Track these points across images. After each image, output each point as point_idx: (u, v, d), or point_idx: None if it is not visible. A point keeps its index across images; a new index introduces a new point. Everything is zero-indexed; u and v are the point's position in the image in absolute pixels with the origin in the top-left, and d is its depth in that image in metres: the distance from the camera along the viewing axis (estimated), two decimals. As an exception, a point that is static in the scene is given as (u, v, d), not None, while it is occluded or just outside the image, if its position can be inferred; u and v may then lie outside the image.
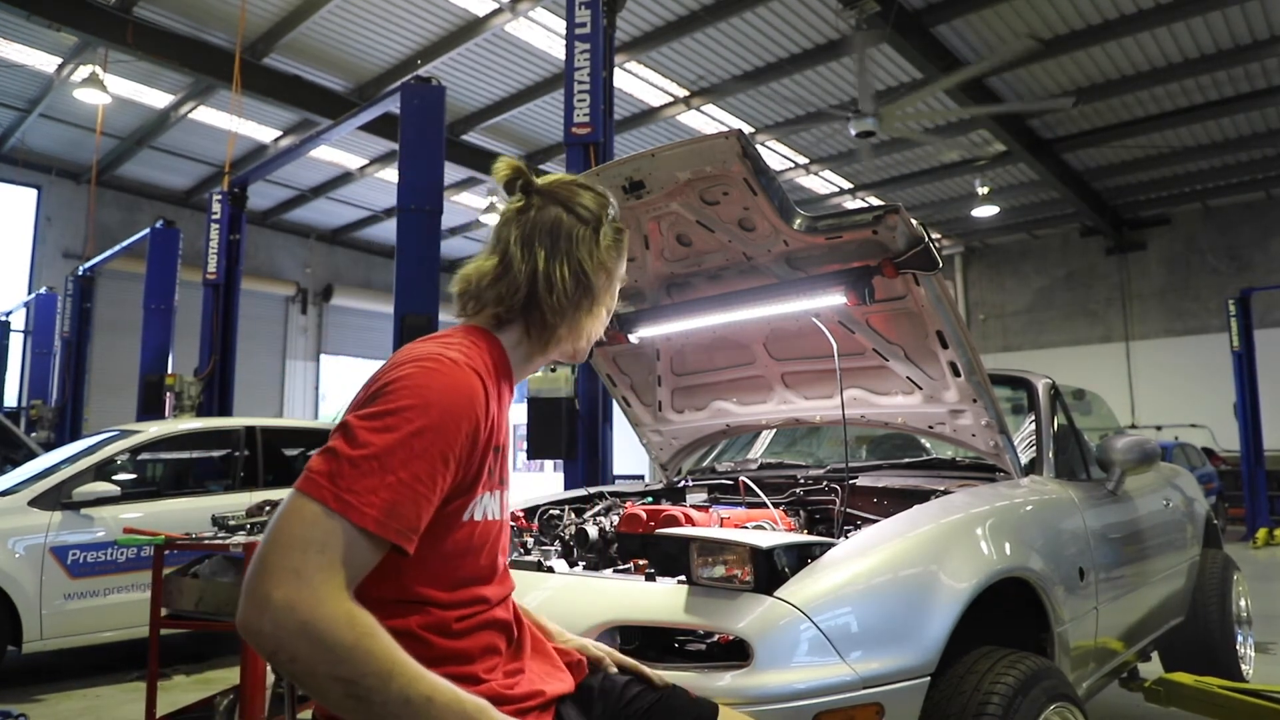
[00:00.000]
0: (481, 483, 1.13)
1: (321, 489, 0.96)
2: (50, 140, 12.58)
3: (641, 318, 2.80)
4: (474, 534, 1.14)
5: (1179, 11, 8.85)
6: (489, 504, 1.17)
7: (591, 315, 1.32)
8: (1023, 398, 3.13)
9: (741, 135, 2.10)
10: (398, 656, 0.95)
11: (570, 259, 1.26)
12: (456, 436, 1.04)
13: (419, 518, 1.01)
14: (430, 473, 1.01)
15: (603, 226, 1.31)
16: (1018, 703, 1.74)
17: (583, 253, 1.27)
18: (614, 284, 1.37)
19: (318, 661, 0.91)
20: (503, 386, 1.22)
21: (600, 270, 1.30)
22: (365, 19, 9.30)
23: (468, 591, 1.15)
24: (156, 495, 5.15)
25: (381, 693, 0.92)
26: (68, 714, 4.07)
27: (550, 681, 1.27)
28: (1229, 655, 3.66)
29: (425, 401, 1.03)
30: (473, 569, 1.16)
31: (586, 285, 1.28)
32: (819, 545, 1.85)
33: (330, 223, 16.58)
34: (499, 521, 1.22)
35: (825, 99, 10.80)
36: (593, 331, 1.35)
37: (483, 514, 1.15)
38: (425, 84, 5.80)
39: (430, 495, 1.02)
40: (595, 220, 1.30)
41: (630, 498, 2.91)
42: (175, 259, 9.27)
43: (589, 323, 1.33)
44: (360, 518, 0.95)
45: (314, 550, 0.93)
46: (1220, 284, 14.96)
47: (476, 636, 1.16)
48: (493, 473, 1.17)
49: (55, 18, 8.19)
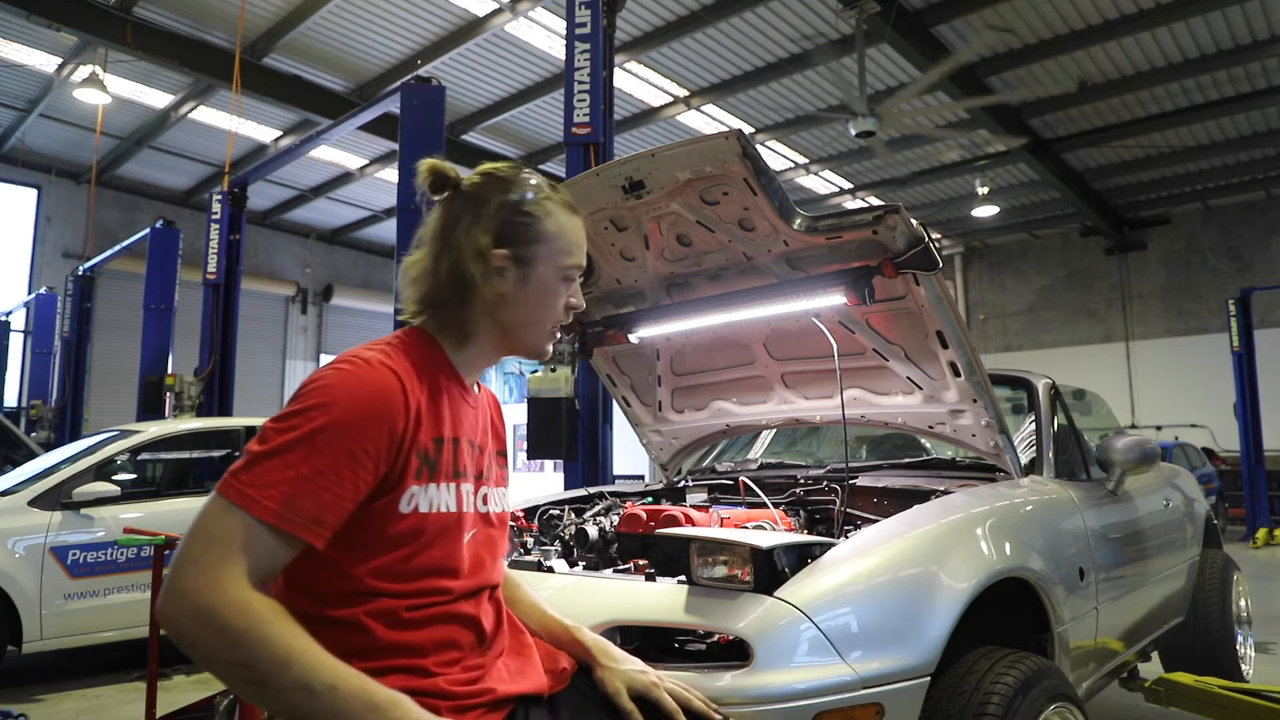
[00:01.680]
0: (411, 476, 1.15)
1: (227, 485, 1.03)
2: (50, 140, 12.59)
3: (641, 318, 2.79)
4: (418, 526, 1.16)
5: (1179, 11, 8.86)
6: (436, 496, 1.19)
7: (516, 308, 1.26)
8: (1023, 398, 3.13)
9: (741, 135, 2.10)
10: (298, 644, 0.99)
11: (451, 253, 1.24)
12: (365, 432, 1.08)
13: (321, 510, 1.04)
14: (334, 467, 1.05)
15: (485, 210, 1.24)
16: (1018, 703, 1.74)
17: (460, 241, 1.24)
18: (536, 269, 1.26)
19: (214, 646, 0.97)
20: (443, 383, 1.23)
21: (476, 259, 1.22)
22: (365, 19, 9.30)
23: (424, 583, 1.17)
24: (156, 495, 5.14)
25: (279, 678, 0.97)
26: (68, 714, 4.07)
27: (512, 681, 1.24)
28: (1229, 655, 3.66)
29: (330, 400, 1.08)
30: (425, 560, 1.17)
31: (469, 280, 1.23)
32: (819, 545, 1.84)
33: (330, 223, 16.58)
34: (456, 514, 1.22)
35: (826, 99, 10.80)
36: (532, 325, 1.28)
37: (428, 506, 1.17)
38: (425, 84, 5.80)
39: (336, 489, 1.05)
40: (479, 205, 1.25)
41: (630, 498, 2.91)
42: (175, 259, 9.26)
43: (518, 315, 1.27)
44: (260, 510, 1.01)
45: (214, 541, 1.00)
46: (1221, 284, 14.96)
47: (432, 629, 1.17)
48: (434, 467, 1.18)
49: (55, 17, 8.19)
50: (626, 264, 2.72)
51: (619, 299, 2.86)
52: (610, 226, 2.59)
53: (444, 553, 1.20)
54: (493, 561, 1.31)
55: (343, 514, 1.08)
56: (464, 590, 1.22)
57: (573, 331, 2.99)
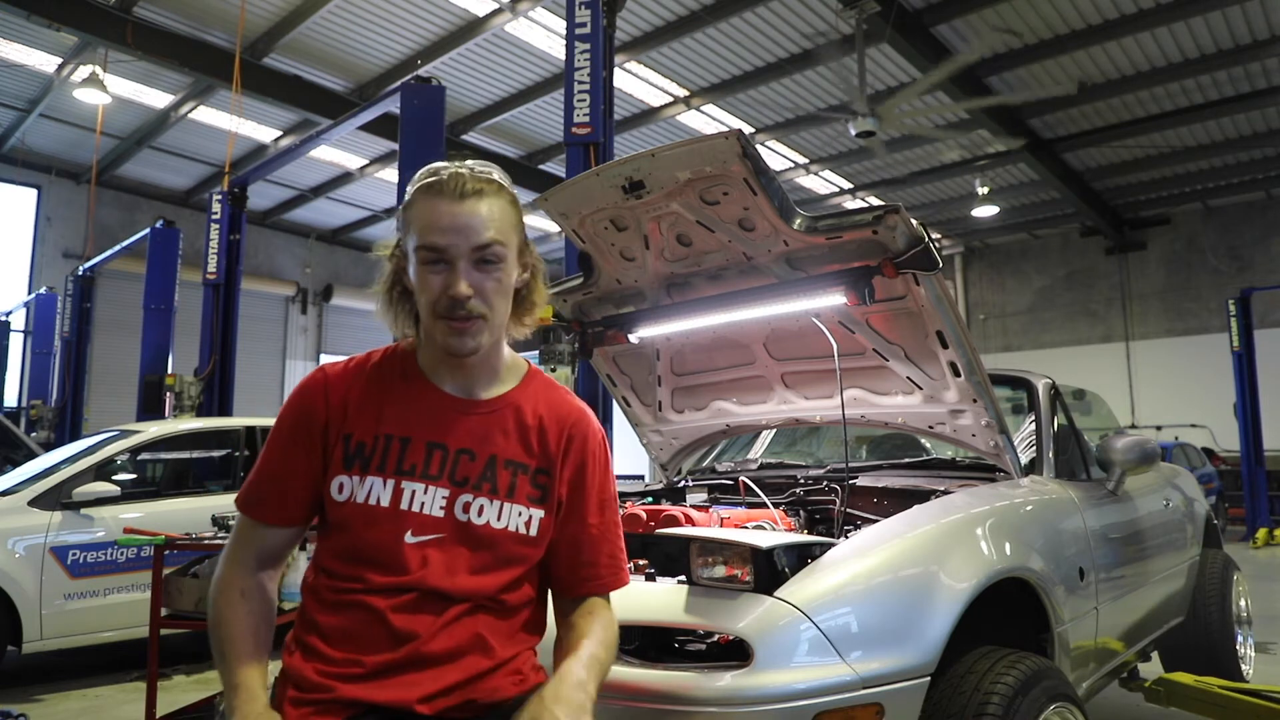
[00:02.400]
0: (339, 466, 1.27)
1: None
2: (50, 140, 12.59)
3: (641, 318, 2.79)
4: (347, 514, 1.27)
5: (1179, 11, 8.86)
6: (364, 489, 1.26)
7: (416, 293, 1.29)
8: (1023, 398, 3.13)
9: (741, 135, 2.10)
10: (223, 615, 1.29)
11: None
12: (294, 422, 1.31)
13: (264, 493, 1.32)
14: (276, 455, 1.32)
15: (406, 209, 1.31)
16: (1018, 703, 1.74)
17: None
18: (411, 258, 1.28)
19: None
20: (398, 386, 1.33)
21: (393, 263, 1.35)
22: (365, 19, 9.30)
23: (350, 568, 1.25)
24: (156, 495, 5.14)
25: (211, 633, 1.29)
26: (68, 714, 4.07)
27: (382, 689, 1.19)
28: (1229, 655, 3.66)
29: (283, 407, 1.34)
30: (351, 547, 1.26)
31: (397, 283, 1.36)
32: (819, 545, 1.84)
33: (330, 223, 16.58)
34: (390, 509, 1.25)
35: (825, 99, 10.80)
36: (423, 314, 1.29)
37: (364, 498, 1.26)
38: (425, 84, 5.80)
39: (277, 473, 1.31)
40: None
41: (630, 498, 2.90)
42: (175, 259, 9.26)
43: (420, 305, 1.29)
44: (238, 503, 1.34)
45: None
46: (1220, 284, 14.96)
47: (336, 614, 1.24)
48: (366, 461, 1.27)
49: (55, 18, 8.19)
50: (626, 264, 2.72)
51: (619, 299, 2.86)
52: (610, 226, 2.59)
53: (372, 545, 1.25)
54: (452, 573, 1.24)
55: (287, 494, 1.30)
56: (385, 585, 1.23)
57: (572, 331, 2.99)
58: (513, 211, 1.30)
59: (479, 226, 1.23)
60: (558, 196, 2.56)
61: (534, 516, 1.32)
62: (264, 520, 1.32)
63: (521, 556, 1.31)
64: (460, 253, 1.23)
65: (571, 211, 2.58)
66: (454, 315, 1.24)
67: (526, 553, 1.32)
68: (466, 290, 1.23)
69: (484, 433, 1.32)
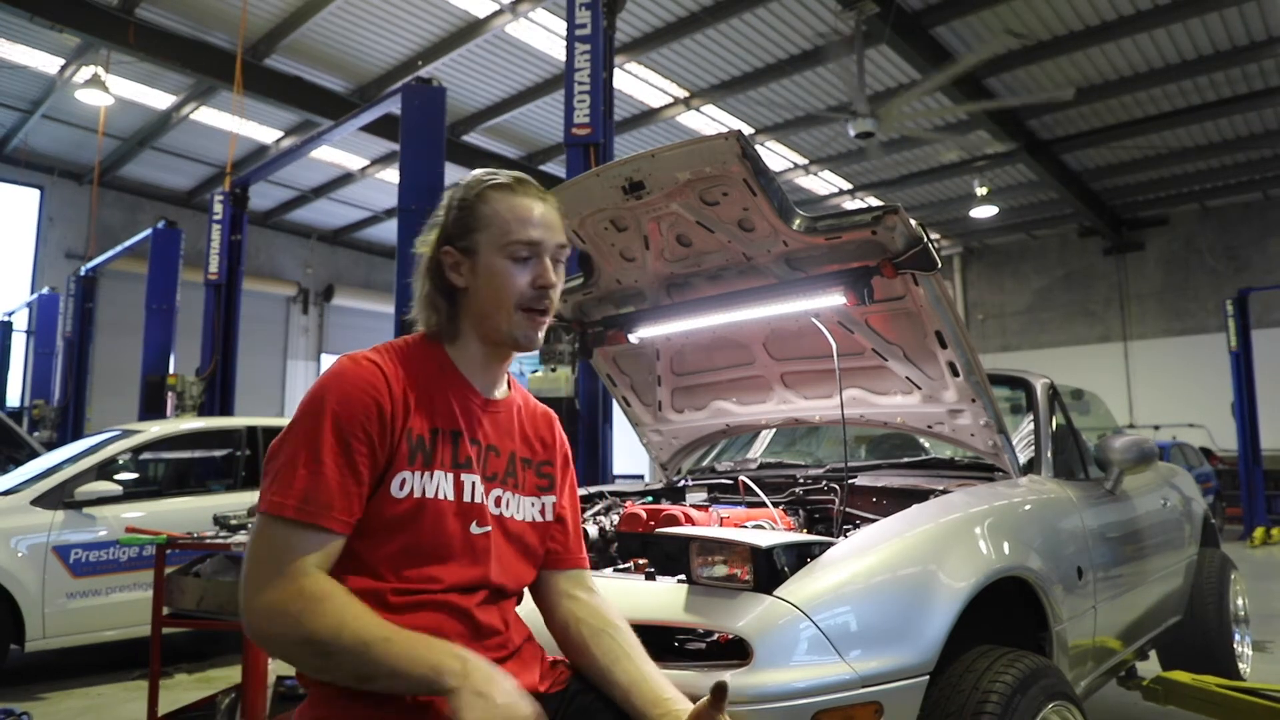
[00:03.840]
0: (404, 461, 1.22)
1: (260, 502, 1.18)
2: (52, 141, 12.60)
3: (641, 318, 2.80)
4: (412, 511, 1.22)
5: (1178, 12, 8.87)
6: (431, 483, 1.24)
7: (476, 297, 1.30)
8: (1021, 397, 3.14)
9: (741, 136, 2.10)
10: (349, 613, 1.10)
11: (421, 262, 1.36)
12: (354, 417, 1.19)
13: (330, 496, 1.16)
14: (334, 456, 1.17)
15: (438, 215, 1.34)
16: (1016, 701, 1.75)
17: (422, 249, 1.35)
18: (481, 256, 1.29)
19: (282, 636, 1.11)
20: (441, 380, 1.31)
21: (434, 260, 1.32)
22: (366, 20, 9.31)
23: (412, 570, 1.22)
24: (158, 495, 5.16)
25: (337, 642, 1.08)
26: (70, 712, 4.09)
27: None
28: (1226, 654, 3.67)
29: (321, 402, 1.20)
30: (412, 546, 1.22)
31: (437, 281, 1.32)
32: (818, 545, 1.85)
33: (331, 223, 16.59)
34: (454, 503, 1.26)
35: (825, 100, 10.81)
36: (493, 311, 1.30)
37: (422, 492, 1.23)
38: (426, 85, 5.81)
39: (339, 476, 1.17)
40: (437, 212, 1.35)
41: (630, 497, 2.91)
42: (177, 259, 9.28)
43: (480, 304, 1.30)
44: (283, 510, 1.15)
45: (257, 553, 1.16)
46: (1218, 284, 14.97)
47: (417, 615, 1.20)
48: (430, 455, 1.25)
49: (57, 19, 8.20)
50: (626, 264, 2.73)
51: (619, 299, 2.87)
52: (610, 227, 2.60)
53: (436, 540, 1.23)
54: (503, 567, 1.31)
55: (351, 497, 1.18)
56: (456, 583, 1.24)
57: (572, 331, 3.00)
58: None
59: (557, 225, 1.33)
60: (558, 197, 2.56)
61: (546, 503, 1.42)
62: (332, 528, 1.16)
63: (540, 547, 1.41)
64: (548, 248, 1.31)
65: (572, 212, 2.59)
66: (539, 307, 1.30)
67: (543, 542, 1.41)
68: (557, 279, 1.31)
69: (503, 430, 1.38)
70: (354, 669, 1.10)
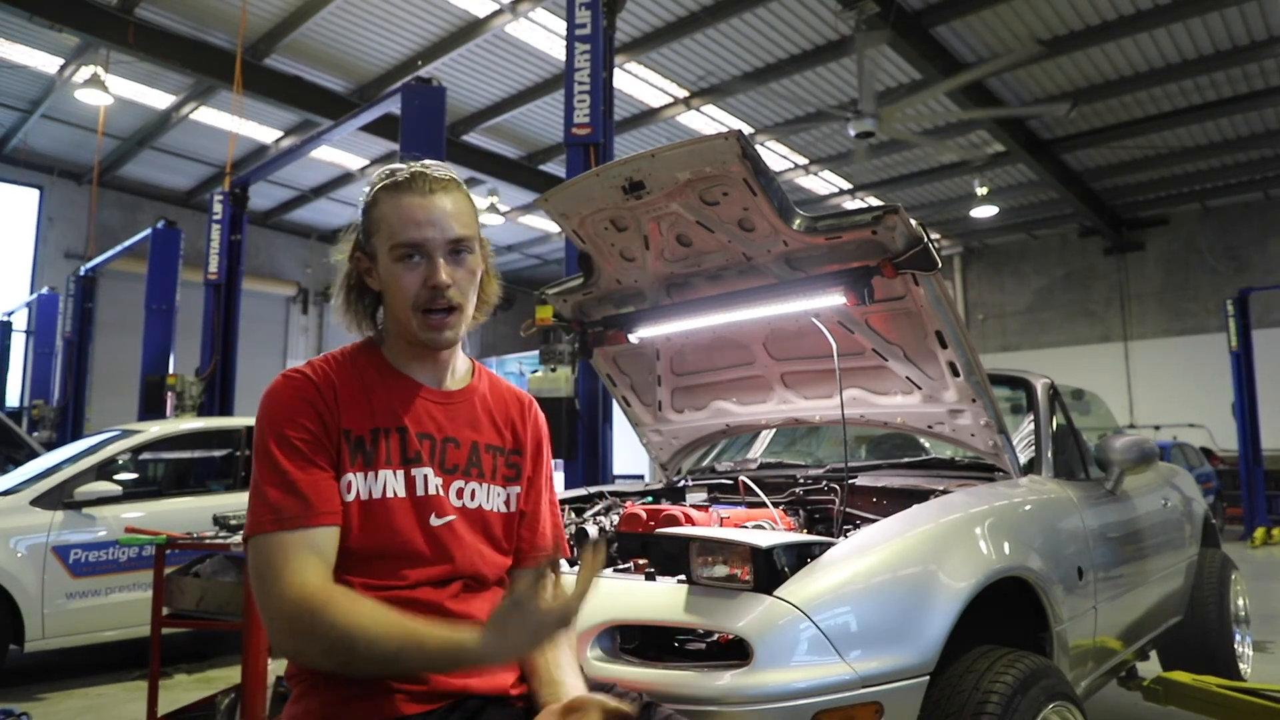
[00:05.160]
0: (347, 464, 1.24)
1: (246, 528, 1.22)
2: (52, 141, 12.60)
3: (641, 318, 2.80)
4: (363, 512, 1.24)
5: (1178, 12, 8.86)
6: (377, 484, 1.25)
7: (387, 298, 1.33)
8: (1021, 397, 3.14)
9: (741, 136, 2.10)
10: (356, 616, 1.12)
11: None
12: (294, 420, 1.23)
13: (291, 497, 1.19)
14: (291, 462, 1.21)
15: (362, 215, 1.35)
16: (1016, 701, 1.74)
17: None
18: (380, 259, 1.31)
19: (302, 644, 1.14)
20: (377, 380, 1.33)
21: (352, 267, 1.37)
22: (366, 20, 9.30)
23: (378, 567, 1.23)
24: (158, 495, 5.16)
25: (357, 644, 1.10)
26: (69, 713, 4.08)
27: (466, 675, 1.24)
28: (1227, 654, 3.67)
29: (262, 417, 1.26)
30: (376, 545, 1.23)
31: (358, 286, 1.38)
32: (818, 545, 1.85)
33: (331, 223, 16.57)
34: (405, 499, 1.26)
35: (825, 100, 10.80)
36: (398, 312, 1.30)
37: (368, 493, 1.24)
38: (426, 85, 5.81)
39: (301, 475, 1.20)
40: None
41: (630, 497, 2.91)
42: (176, 259, 9.28)
43: (390, 304, 1.33)
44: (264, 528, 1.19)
45: (258, 574, 1.18)
46: (1218, 284, 14.96)
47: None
48: (371, 455, 1.26)
49: (57, 19, 8.19)
50: (626, 264, 2.73)
51: (619, 299, 2.87)
52: (610, 227, 2.60)
53: (393, 539, 1.24)
54: (473, 556, 1.31)
55: (321, 485, 1.21)
56: (424, 578, 1.24)
57: (572, 331, 3.00)
58: (472, 205, 1.36)
59: (452, 220, 1.28)
60: (558, 197, 2.57)
61: (511, 494, 1.41)
62: (315, 524, 1.19)
63: (509, 535, 1.40)
64: (437, 245, 1.28)
65: (571, 212, 2.59)
66: (434, 307, 1.28)
67: (512, 531, 1.41)
68: (448, 279, 1.27)
69: (462, 421, 1.37)
70: (381, 668, 1.13)
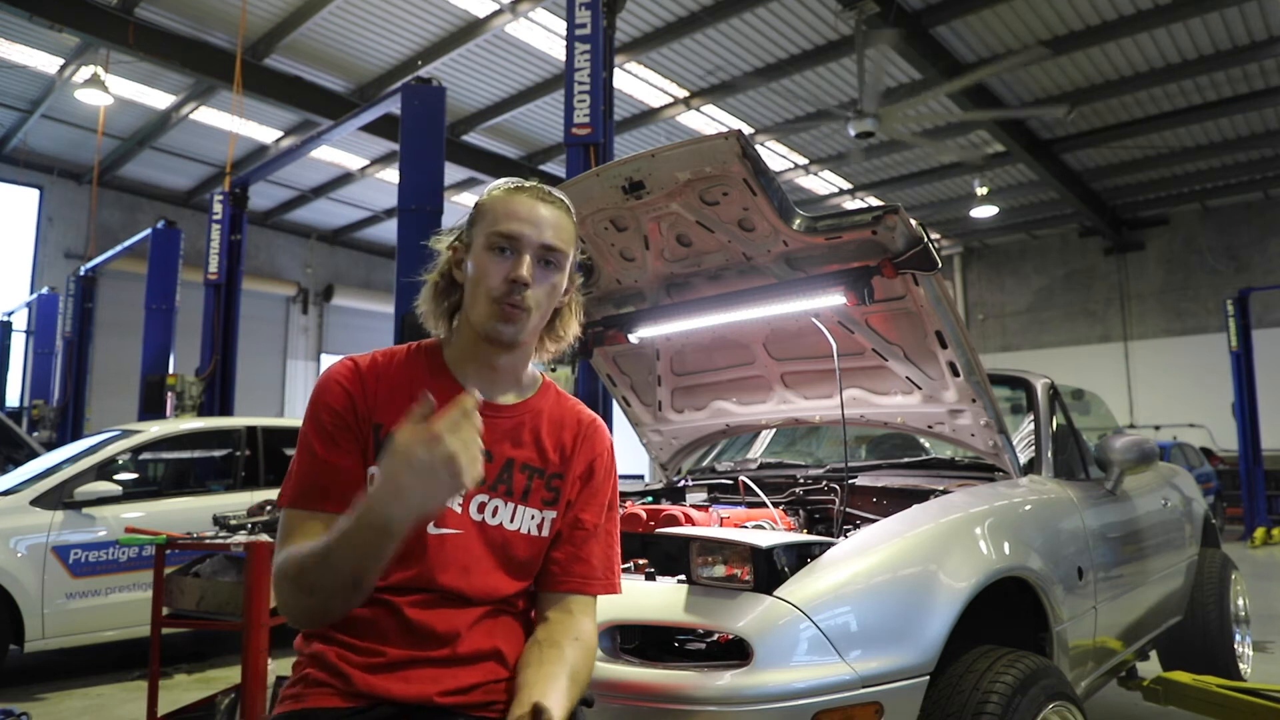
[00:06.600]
0: (370, 458, 1.26)
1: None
2: (52, 141, 12.60)
3: (641, 318, 2.80)
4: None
5: (1178, 12, 8.87)
6: None
7: (467, 287, 1.32)
8: (1021, 397, 3.14)
9: (741, 136, 2.10)
10: (303, 552, 1.15)
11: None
12: (328, 404, 1.28)
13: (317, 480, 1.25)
14: (320, 445, 1.26)
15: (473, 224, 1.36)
16: (1016, 701, 1.75)
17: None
18: (474, 249, 1.32)
19: (282, 596, 1.19)
20: (424, 382, 1.31)
21: (443, 259, 1.38)
22: (366, 20, 9.30)
23: None
24: (158, 495, 5.15)
25: (300, 574, 1.14)
26: (69, 713, 4.08)
27: (391, 680, 1.20)
28: (1227, 654, 3.67)
29: (310, 401, 1.31)
30: None
31: (444, 278, 1.38)
32: (819, 545, 1.85)
33: (331, 223, 16.59)
34: None
35: (825, 100, 10.81)
36: (473, 301, 1.30)
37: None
38: (426, 85, 5.81)
39: (328, 460, 1.25)
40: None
41: (630, 497, 2.91)
42: (176, 259, 9.28)
43: (468, 294, 1.32)
44: (284, 501, 1.27)
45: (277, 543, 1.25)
46: (1219, 284, 14.97)
47: (363, 605, 1.20)
48: None
49: (57, 19, 8.20)
50: (626, 264, 2.73)
51: (619, 299, 2.87)
52: (610, 227, 2.60)
53: None
54: (465, 573, 1.26)
55: (340, 472, 1.25)
56: (400, 582, 1.22)
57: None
58: (574, 231, 1.37)
59: (550, 228, 1.31)
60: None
61: (546, 518, 1.34)
62: (325, 509, 1.21)
63: (533, 561, 1.33)
64: (530, 244, 1.29)
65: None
66: (509, 300, 1.27)
67: (538, 557, 1.34)
68: (529, 275, 1.28)
69: (501, 435, 1.33)
70: (332, 582, 1.12)
